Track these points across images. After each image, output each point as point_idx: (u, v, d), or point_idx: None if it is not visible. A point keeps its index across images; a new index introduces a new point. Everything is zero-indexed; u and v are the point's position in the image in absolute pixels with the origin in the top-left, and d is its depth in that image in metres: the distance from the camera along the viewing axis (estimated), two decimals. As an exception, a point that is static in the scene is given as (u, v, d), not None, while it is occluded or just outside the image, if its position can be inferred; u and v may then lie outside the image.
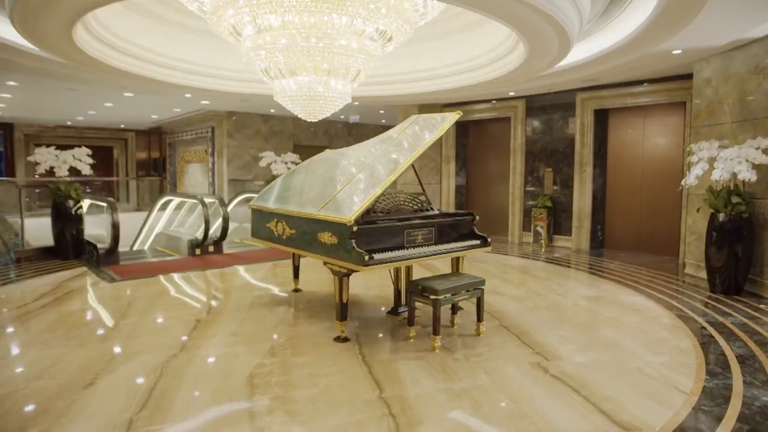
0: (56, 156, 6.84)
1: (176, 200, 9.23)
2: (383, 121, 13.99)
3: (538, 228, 8.59)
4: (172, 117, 13.26)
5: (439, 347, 3.60)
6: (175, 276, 6.10)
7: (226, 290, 5.44)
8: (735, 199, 5.07)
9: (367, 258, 3.52)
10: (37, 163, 6.80)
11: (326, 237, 3.81)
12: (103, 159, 17.13)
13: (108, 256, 6.69)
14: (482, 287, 3.88)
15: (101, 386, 3.00)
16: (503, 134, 9.43)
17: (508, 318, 4.39)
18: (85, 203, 7.48)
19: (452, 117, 4.26)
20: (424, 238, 4.08)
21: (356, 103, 9.76)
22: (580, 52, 5.52)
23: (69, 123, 14.31)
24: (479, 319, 3.92)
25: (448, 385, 3.02)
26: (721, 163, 5.05)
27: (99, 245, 6.75)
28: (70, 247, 6.99)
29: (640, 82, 7.23)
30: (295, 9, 4.14)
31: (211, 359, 3.46)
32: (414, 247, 3.97)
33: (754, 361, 3.41)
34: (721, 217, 5.18)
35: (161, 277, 6.00)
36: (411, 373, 3.20)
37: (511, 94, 8.45)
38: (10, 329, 4.06)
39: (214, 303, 4.89)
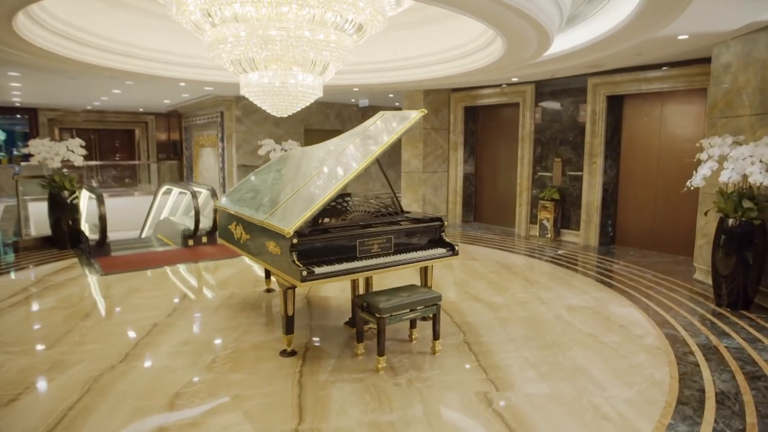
0: (49, 147, 6.90)
1: (175, 189, 9.26)
2: (396, 104, 13.57)
3: (544, 221, 8.12)
4: (183, 102, 13.28)
5: (383, 368, 3.37)
6: (159, 270, 6.09)
7: (201, 288, 5.37)
8: (747, 204, 4.52)
9: (304, 273, 3.30)
10: (31, 155, 6.89)
11: (272, 246, 3.62)
12: (126, 142, 17.54)
13: (99, 247, 6.76)
14: (437, 303, 3.59)
15: (23, 403, 2.95)
16: (513, 121, 8.91)
17: (475, 332, 4.10)
18: (83, 194, 7.58)
19: (411, 119, 3.94)
20: (381, 247, 3.82)
21: (356, 89, 9.42)
22: (576, 37, 4.99)
23: (89, 107, 14.60)
24: (435, 337, 3.66)
25: (375, 417, 2.80)
26: (732, 162, 4.50)
27: (90, 237, 6.82)
28: (66, 236, 7.11)
29: (657, 66, 6.56)
30: (251, 1, 3.88)
31: (147, 373, 3.36)
32: (368, 258, 3.71)
33: (735, 401, 3.00)
34: (731, 221, 4.66)
35: (145, 272, 6.00)
36: (342, 400, 3.00)
37: (514, 80, 7.92)
38: (-31, 330, 4.11)
39: (181, 304, 4.82)
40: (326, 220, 3.82)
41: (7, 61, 6.55)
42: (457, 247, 4.10)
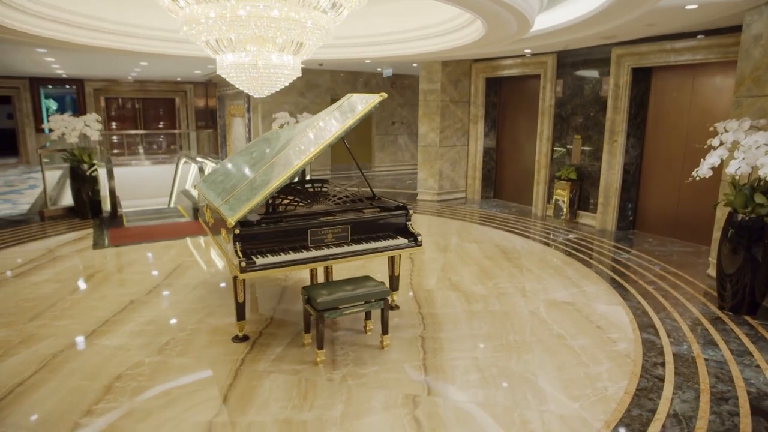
0: (67, 122, 7.23)
1: (191, 161, 9.51)
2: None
3: (560, 202, 7.67)
4: (212, 72, 13.46)
5: (322, 361, 3.35)
6: (162, 243, 6.34)
7: (190, 264, 5.54)
8: (759, 199, 4.00)
9: (243, 265, 3.29)
10: (51, 130, 7.26)
11: (224, 233, 3.63)
12: (168, 110, 18.18)
13: (112, 219, 7.12)
14: (384, 298, 3.49)
15: (-18, 376, 3.19)
16: (536, 93, 8.35)
17: (437, 326, 3.98)
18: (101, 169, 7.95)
19: (369, 104, 3.73)
20: (336, 237, 3.73)
21: (368, 61, 9.14)
22: (572, 11, 4.49)
23: (130, 78, 15.15)
24: (383, 331, 3.57)
25: (292, 415, 2.80)
26: (743, 151, 3.97)
27: (105, 209, 7.19)
28: (87, 207, 7.54)
29: (689, 35, 5.84)
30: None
31: (102, 352, 3.53)
32: (320, 247, 3.64)
33: (686, 427, 2.73)
34: (740, 216, 4.16)
35: (149, 245, 6.27)
36: (270, 393, 3.01)
37: (527, 51, 7.35)
38: (-32, 299, 4.47)
39: (165, 280, 5.00)
40: (288, 206, 3.77)
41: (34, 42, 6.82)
42: (420, 238, 3.94)
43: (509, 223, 7.67)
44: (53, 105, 16.06)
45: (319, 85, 12.90)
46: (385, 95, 3.82)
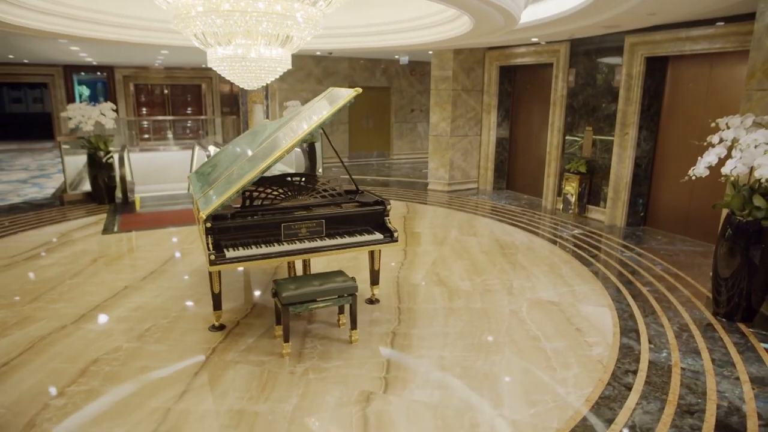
0: (84, 111, 7.52)
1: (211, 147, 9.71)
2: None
3: (569, 195, 7.46)
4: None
5: (288, 354, 3.42)
6: (169, 230, 6.55)
7: (188, 252, 5.71)
8: (757, 201, 3.78)
9: (212, 258, 3.37)
10: (69, 118, 7.57)
11: (201, 225, 3.72)
12: (195, 96, 18.59)
13: (125, 205, 7.40)
14: (353, 294, 3.51)
15: (-27, 354, 3.42)
16: (549, 82, 8.08)
17: (412, 322, 3.98)
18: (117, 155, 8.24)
19: (344, 99, 3.71)
20: (310, 231, 3.77)
21: (400, 49, 9.03)
22: (563, 2, 4.29)
23: (157, 64, 15.54)
24: (352, 326, 3.60)
25: (247, 406, 2.88)
26: (741, 150, 3.74)
27: (118, 196, 7.47)
28: (104, 192, 7.86)
29: (706, 22, 5.49)
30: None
31: (86, 336, 3.71)
32: (294, 241, 3.69)
33: (638, 434, 2.66)
34: (738, 218, 3.94)
35: (156, 231, 6.50)
36: (231, 383, 3.11)
37: (534, 40, 7.09)
38: (-22, 281, 4.77)
39: (162, 267, 5.18)
40: (265, 199, 3.82)
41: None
42: (396, 234, 3.93)
43: (515, 216, 7.53)
44: (86, 91, 16.71)
45: (337, 73, 12.88)
46: (360, 90, 3.79)
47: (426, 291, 4.60)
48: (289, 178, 4.13)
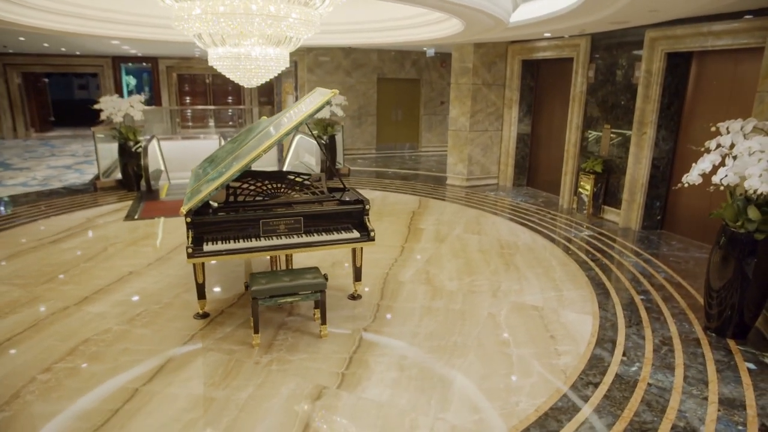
0: (114, 103, 8.00)
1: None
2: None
3: (583, 195, 7.23)
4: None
5: (258, 344, 3.59)
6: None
7: (198, 240, 6.01)
8: (752, 213, 3.56)
9: (189, 251, 3.58)
10: (101, 110, 8.07)
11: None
12: (235, 86, 19.16)
13: (149, 192, 7.84)
14: (321, 290, 3.62)
15: (-16, 329, 3.81)
16: (570, 78, 7.81)
17: (386, 320, 4.05)
18: (151, 144, 8.71)
19: (320, 101, 3.78)
20: (288, 228, 3.90)
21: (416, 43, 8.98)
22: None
23: (197, 55, 16.13)
24: (322, 321, 3.73)
25: (207, 392, 3.07)
26: (733, 157, 3.53)
27: (142, 184, 7.93)
28: (133, 180, 8.35)
29: (732, 16, 5.13)
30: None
31: (84, 317, 4.03)
32: (272, 237, 3.84)
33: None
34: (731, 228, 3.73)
35: (172, 219, 6.86)
36: (198, 369, 3.31)
37: (547, 34, 6.85)
38: (2, 263, 5.24)
39: (169, 254, 5.49)
40: (248, 196, 3.99)
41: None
42: (372, 234, 4.01)
43: (527, 214, 7.38)
44: (132, 81, 17.63)
45: (366, 65, 12.93)
46: (336, 92, 3.86)
47: (410, 289, 4.65)
48: (277, 175, 4.28)
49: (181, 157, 10.91)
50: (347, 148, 13.20)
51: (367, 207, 4.09)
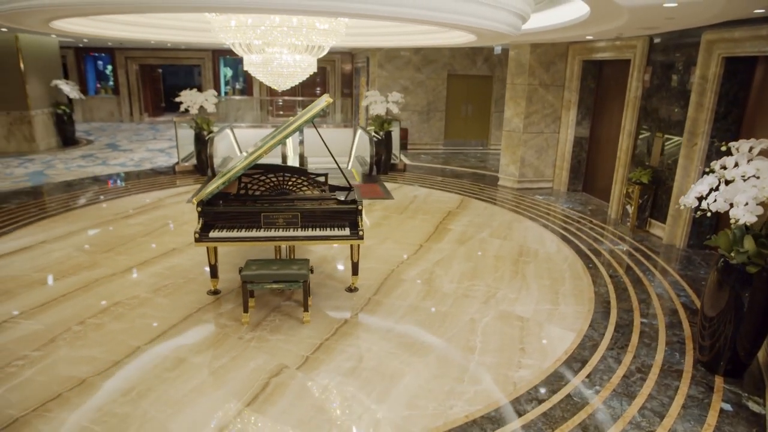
0: (192, 97, 9.02)
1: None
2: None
3: (627, 207, 6.81)
4: (341, 47, 14.49)
5: (247, 322, 4.07)
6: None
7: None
8: (747, 244, 3.28)
9: (197, 236, 4.14)
10: (180, 102, 9.15)
11: (204, 208, 4.52)
12: (322, 78, 20.17)
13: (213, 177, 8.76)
14: (304, 281, 3.99)
15: (42, 285, 4.73)
16: (626, 81, 7.32)
17: (369, 314, 4.33)
18: (225, 132, 9.70)
19: (317, 108, 4.11)
20: (287, 221, 4.33)
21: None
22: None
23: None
24: (304, 309, 4.11)
25: (189, 356, 3.60)
26: (725, 182, 3.27)
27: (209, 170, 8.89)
28: (206, 165, 9.39)
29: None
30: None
31: (122, 282, 4.81)
32: (270, 229, 4.30)
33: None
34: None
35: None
36: (189, 337, 3.86)
37: (589, 37, 6.45)
38: (88, 232, 6.30)
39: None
40: (257, 190, 4.47)
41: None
42: (361, 232, 4.30)
43: (567, 222, 7.13)
44: (229, 72, 19.32)
45: (437, 60, 13.00)
46: (331, 101, 4.16)
47: (406, 288, 4.87)
48: (289, 173, 4.72)
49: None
50: (413, 143, 13.44)
51: (360, 207, 4.38)
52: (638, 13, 3.74)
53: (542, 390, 3.36)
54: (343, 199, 4.46)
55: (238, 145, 10.90)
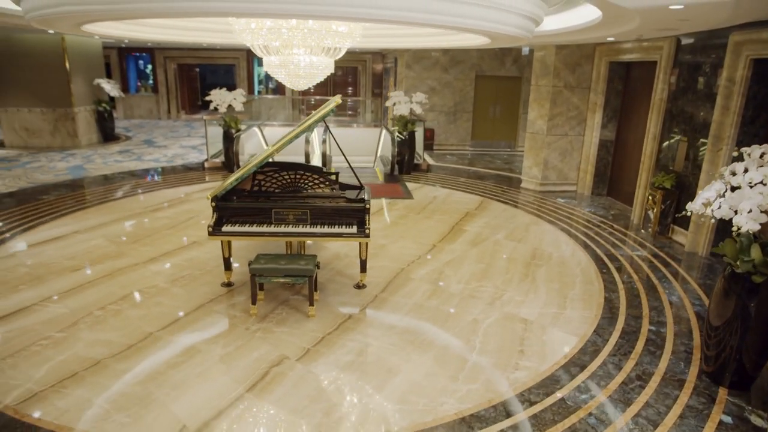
0: (221, 96, 9.35)
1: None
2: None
3: (649, 212, 6.64)
4: (371, 48, 14.60)
5: (255, 314, 4.24)
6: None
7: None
8: (754, 253, 3.19)
9: (210, 229, 4.34)
10: (211, 101, 9.49)
11: (220, 203, 4.72)
12: (353, 78, 20.40)
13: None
14: (309, 276, 4.12)
15: (75, 264, 5.05)
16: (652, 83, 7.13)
17: (374, 311, 4.42)
18: (253, 131, 10.00)
19: (327, 108, 4.23)
20: (297, 218, 4.47)
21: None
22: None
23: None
24: (310, 303, 4.24)
25: (197, 344, 3.79)
26: (731, 188, 3.19)
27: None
28: (233, 161, 9.72)
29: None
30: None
31: (143, 271, 5.08)
32: (280, 225, 4.45)
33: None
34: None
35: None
36: (199, 325, 4.06)
37: (610, 39, 6.30)
38: (121, 224, 6.66)
39: (232, 229, 6.46)
40: (270, 187, 4.63)
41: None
42: (368, 231, 4.39)
43: (587, 226, 7.01)
44: (263, 72, 19.77)
45: (465, 61, 12.95)
46: (339, 101, 4.28)
47: (413, 286, 4.93)
48: (302, 171, 4.86)
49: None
50: (440, 144, 13.44)
51: (368, 206, 4.47)
52: (648, 16, 3.68)
53: (536, 392, 3.37)
54: (352, 197, 4.57)
55: (266, 143, 11.20)
